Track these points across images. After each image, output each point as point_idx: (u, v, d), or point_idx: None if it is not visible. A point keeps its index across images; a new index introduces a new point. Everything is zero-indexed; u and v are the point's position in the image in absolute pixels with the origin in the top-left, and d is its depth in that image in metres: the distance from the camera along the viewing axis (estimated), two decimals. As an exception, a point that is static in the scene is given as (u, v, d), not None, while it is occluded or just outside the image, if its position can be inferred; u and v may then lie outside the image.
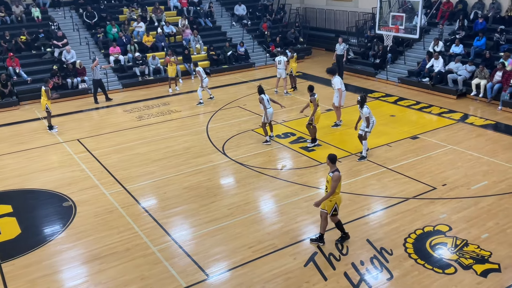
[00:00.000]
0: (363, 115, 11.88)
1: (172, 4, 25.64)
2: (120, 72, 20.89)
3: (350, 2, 27.07)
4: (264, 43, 24.95)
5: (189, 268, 8.18)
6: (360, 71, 21.41)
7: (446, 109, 16.14)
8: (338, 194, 8.33)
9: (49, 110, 15.17)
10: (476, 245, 8.53)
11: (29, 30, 21.30)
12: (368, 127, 11.98)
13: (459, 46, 18.80)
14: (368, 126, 11.95)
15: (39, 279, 8.06)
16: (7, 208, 10.52)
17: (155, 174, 11.92)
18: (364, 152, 12.25)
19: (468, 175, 11.26)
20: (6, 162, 13.06)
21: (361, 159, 12.21)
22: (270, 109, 13.41)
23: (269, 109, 13.33)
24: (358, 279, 7.73)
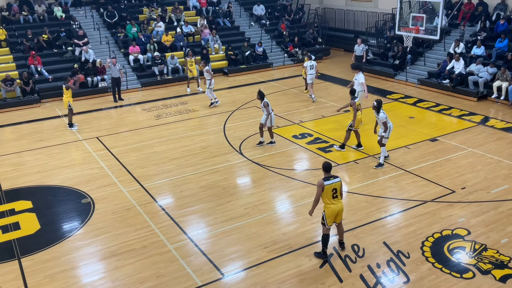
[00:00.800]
0: (380, 120, 11.59)
1: (191, 4, 25.79)
2: (139, 71, 21.08)
3: (369, 3, 26.88)
4: (282, 43, 24.93)
5: (204, 266, 8.22)
6: (379, 72, 21.24)
7: (466, 112, 15.91)
8: (327, 203, 7.95)
9: (71, 107, 15.40)
10: (495, 249, 8.39)
11: (51, 29, 21.64)
12: (386, 132, 11.60)
13: (481, 48, 18.52)
14: (386, 131, 11.59)
15: (57, 274, 8.18)
16: (27, 204, 10.71)
17: (172, 173, 12.00)
18: (382, 159, 11.92)
19: (488, 178, 11.08)
20: (26, 159, 13.29)
21: (378, 166, 11.88)
22: (273, 114, 13.30)
23: (272, 113, 13.21)
24: (374, 282, 7.67)
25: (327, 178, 7.91)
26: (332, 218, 8.02)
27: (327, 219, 8.01)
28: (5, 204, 10.76)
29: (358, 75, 14.72)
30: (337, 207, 7.99)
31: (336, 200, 7.97)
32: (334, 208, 7.96)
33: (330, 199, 7.93)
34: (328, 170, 8.03)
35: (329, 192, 7.89)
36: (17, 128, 16.19)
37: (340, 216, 8.13)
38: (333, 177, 7.98)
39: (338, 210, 8.01)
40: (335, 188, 7.92)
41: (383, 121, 11.49)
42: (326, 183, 7.85)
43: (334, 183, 7.91)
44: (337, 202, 7.99)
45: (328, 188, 7.87)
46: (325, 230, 8.12)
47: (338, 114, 16.01)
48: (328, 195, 7.91)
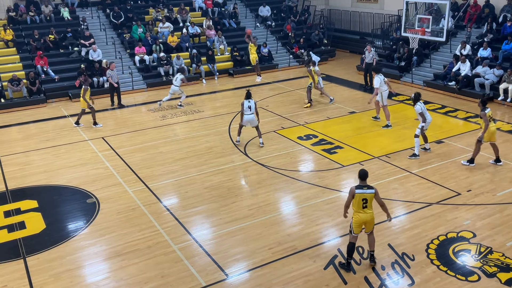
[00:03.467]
0: (416, 112, 12.30)
1: (197, 5, 25.84)
2: (144, 72, 21.14)
3: (375, 4, 26.84)
4: (288, 45, 24.93)
5: (209, 267, 8.23)
6: (384, 73, 21.08)
7: (472, 114, 15.85)
8: (356, 211, 7.84)
9: (91, 106, 15.60)
10: (501, 253, 8.35)
11: (58, 29, 21.74)
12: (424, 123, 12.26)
13: (487, 50, 18.44)
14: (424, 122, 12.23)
15: (62, 273, 8.21)
16: (33, 203, 10.76)
17: (177, 173, 12.02)
18: (417, 150, 12.39)
19: (494, 181, 11.03)
20: (32, 159, 13.36)
21: (412, 156, 12.37)
22: (249, 116, 13.23)
23: (248, 115, 13.20)
24: (378, 284, 7.65)
25: (360, 187, 7.79)
26: (359, 226, 7.89)
27: (354, 227, 7.90)
28: (11, 204, 10.82)
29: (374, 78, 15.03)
30: (366, 217, 7.81)
31: (366, 210, 7.80)
32: (362, 217, 7.81)
33: (359, 208, 7.79)
34: (363, 179, 7.88)
35: (359, 201, 7.75)
36: (23, 128, 16.28)
37: (369, 226, 7.94)
38: (366, 187, 7.82)
39: (367, 220, 7.82)
40: (366, 199, 7.75)
41: (419, 112, 12.19)
42: (357, 191, 7.74)
43: (365, 194, 7.75)
44: (367, 212, 7.82)
45: (359, 197, 7.74)
46: (351, 238, 8.00)
47: (345, 115, 16.00)
48: (358, 204, 7.77)
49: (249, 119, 13.28)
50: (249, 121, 13.33)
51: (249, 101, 13.23)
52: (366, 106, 16.65)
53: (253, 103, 13.24)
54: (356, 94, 18.92)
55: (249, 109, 13.19)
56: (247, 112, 13.20)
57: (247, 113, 13.21)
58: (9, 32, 20.77)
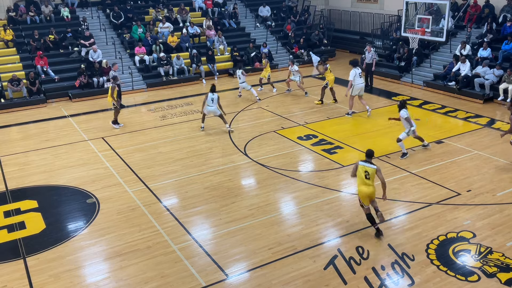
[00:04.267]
0: (401, 117, 12.45)
1: (197, 5, 25.85)
2: (144, 72, 21.14)
3: (375, 4, 26.84)
4: (288, 45, 24.93)
5: (209, 267, 8.23)
6: (384, 73, 21.19)
7: (472, 114, 15.85)
8: (359, 185, 8.85)
9: (115, 105, 15.34)
10: (501, 253, 8.35)
11: (58, 29, 21.73)
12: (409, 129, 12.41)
13: (487, 50, 18.44)
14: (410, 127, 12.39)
15: (62, 273, 8.21)
16: (32, 203, 10.76)
17: (177, 173, 12.02)
18: (404, 149, 12.56)
19: (494, 181, 11.03)
20: (32, 159, 13.36)
21: (402, 157, 12.47)
22: (211, 108, 14.47)
23: (210, 107, 14.44)
24: (378, 284, 7.65)
25: (364, 161, 8.83)
26: (367, 199, 8.79)
27: (362, 201, 8.83)
28: (11, 204, 10.81)
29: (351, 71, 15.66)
30: (368, 190, 8.72)
31: (368, 181, 8.72)
32: (365, 191, 8.72)
33: (362, 180, 8.74)
34: (369, 156, 8.93)
35: (361, 172, 8.77)
36: (23, 128, 16.28)
37: (370, 197, 8.81)
38: (370, 162, 8.80)
39: (369, 192, 8.72)
40: (367, 171, 8.68)
41: (404, 117, 12.35)
42: (360, 163, 8.80)
43: (367, 167, 8.71)
44: (369, 185, 8.73)
45: (361, 168, 8.75)
46: (365, 210, 8.93)
47: (345, 116, 16.01)
48: (360, 175, 8.78)
49: (210, 110, 14.54)
50: (211, 111, 14.59)
51: (213, 94, 14.42)
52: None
53: (216, 96, 14.40)
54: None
55: (211, 101, 14.40)
56: (209, 103, 14.43)
57: (209, 104, 14.44)
58: (9, 32, 20.77)
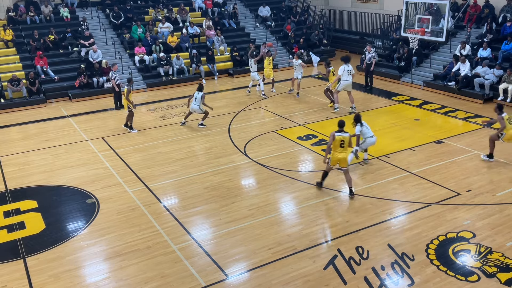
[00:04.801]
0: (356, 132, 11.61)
1: (197, 5, 25.85)
2: (144, 72, 21.14)
3: (375, 4, 26.85)
4: (287, 45, 24.93)
5: (208, 267, 8.23)
6: (384, 73, 21.19)
7: (472, 114, 15.85)
8: (334, 151, 10.10)
9: (130, 109, 14.99)
10: (501, 253, 8.35)
11: (57, 29, 21.74)
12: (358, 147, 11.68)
13: (487, 50, 18.44)
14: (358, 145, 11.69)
15: (62, 273, 8.21)
16: (32, 203, 10.76)
17: (177, 174, 12.02)
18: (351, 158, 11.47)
19: (494, 181, 11.03)
20: (32, 159, 13.35)
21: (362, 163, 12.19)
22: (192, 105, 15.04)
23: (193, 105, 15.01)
24: (378, 284, 7.65)
25: (339, 131, 10.03)
26: (335, 162, 10.19)
27: (330, 161, 10.22)
28: (11, 204, 10.81)
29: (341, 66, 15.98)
30: (341, 155, 10.09)
31: (342, 149, 10.03)
32: (339, 156, 10.10)
33: (337, 148, 10.01)
34: (341, 126, 10.11)
35: (337, 142, 9.98)
36: (23, 128, 16.28)
37: (342, 163, 10.13)
38: (344, 131, 10.02)
39: (341, 157, 10.07)
40: (343, 140, 10.00)
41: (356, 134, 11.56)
42: (336, 134, 9.99)
43: (343, 136, 10.02)
44: (343, 152, 10.06)
45: (338, 138, 9.97)
46: (327, 168, 10.43)
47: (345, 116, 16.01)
48: (336, 144, 9.98)
49: (192, 107, 15.08)
50: (192, 109, 15.13)
51: (198, 92, 14.94)
52: (366, 106, 16.71)
53: (200, 95, 14.89)
54: (356, 94, 18.89)
55: (195, 99, 14.95)
56: (193, 101, 15.00)
57: (193, 102, 15.01)
58: (9, 32, 20.77)
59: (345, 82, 15.97)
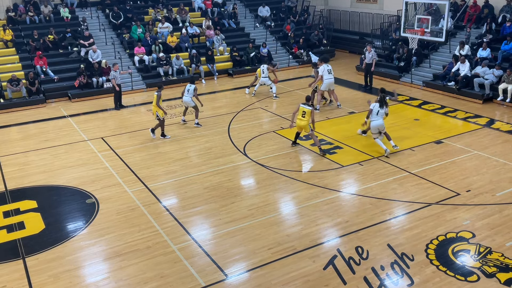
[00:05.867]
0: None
1: (197, 5, 25.84)
2: (144, 72, 21.14)
3: (375, 4, 26.85)
4: (287, 45, 24.93)
5: (208, 267, 8.23)
6: (384, 74, 21.20)
7: (471, 114, 15.86)
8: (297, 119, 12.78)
9: (159, 117, 14.15)
10: (500, 253, 8.36)
11: (57, 29, 21.72)
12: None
13: (486, 50, 18.45)
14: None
15: (61, 274, 8.21)
16: (32, 203, 10.75)
17: (177, 174, 12.02)
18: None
19: (493, 181, 11.04)
20: (32, 159, 13.35)
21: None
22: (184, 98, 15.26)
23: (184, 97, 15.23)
24: (378, 284, 7.65)
25: (304, 104, 12.74)
26: (298, 128, 12.98)
27: (297, 128, 13.04)
28: (10, 204, 10.81)
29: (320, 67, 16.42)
30: (301, 122, 12.75)
31: (303, 118, 12.65)
32: (300, 123, 12.78)
33: (299, 117, 12.74)
34: (307, 100, 12.97)
35: (300, 112, 12.72)
36: (22, 128, 16.28)
37: (304, 129, 12.87)
38: (307, 105, 12.72)
39: (301, 125, 12.78)
40: (305, 111, 12.61)
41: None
42: (301, 105, 12.73)
43: (305, 108, 12.64)
44: (303, 120, 12.66)
45: (301, 109, 12.69)
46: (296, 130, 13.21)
47: (345, 116, 16.02)
48: (299, 114, 12.74)
49: (184, 100, 15.29)
50: (184, 101, 15.36)
51: (190, 85, 15.16)
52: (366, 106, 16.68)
53: (192, 88, 15.09)
54: (356, 94, 18.94)
55: (187, 92, 15.13)
56: (185, 94, 15.21)
57: (184, 94, 15.22)
58: (8, 32, 20.75)
59: (327, 81, 16.26)
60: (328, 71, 16.23)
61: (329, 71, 16.25)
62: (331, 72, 16.34)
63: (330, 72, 16.28)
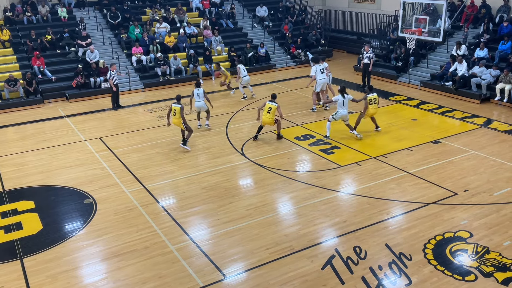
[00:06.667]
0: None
1: (194, 5, 25.83)
2: (142, 72, 21.11)
3: (372, 4, 26.87)
4: (285, 45, 24.94)
5: (206, 267, 8.22)
6: (381, 74, 21.22)
7: (469, 114, 15.89)
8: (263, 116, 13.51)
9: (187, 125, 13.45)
10: (498, 252, 8.37)
11: (54, 29, 21.69)
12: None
13: (484, 50, 18.49)
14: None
15: (59, 274, 8.19)
16: (29, 204, 10.73)
17: (174, 174, 12.02)
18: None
19: (491, 181, 11.06)
20: (29, 159, 13.32)
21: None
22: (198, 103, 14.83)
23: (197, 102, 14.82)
24: (376, 284, 7.66)
25: (270, 101, 13.49)
26: (264, 122, 13.62)
27: (262, 122, 13.67)
28: (8, 204, 10.79)
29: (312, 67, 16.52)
30: (266, 119, 13.49)
31: (268, 114, 13.39)
32: (265, 120, 13.51)
33: (265, 113, 13.45)
34: (273, 98, 13.66)
35: (266, 108, 13.44)
36: (20, 128, 16.24)
37: (269, 123, 13.61)
38: (274, 102, 13.45)
39: (268, 121, 13.51)
40: (270, 107, 13.33)
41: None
42: (267, 102, 13.45)
43: (271, 104, 13.38)
44: (268, 117, 13.42)
45: (267, 105, 13.40)
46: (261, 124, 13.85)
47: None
48: (265, 110, 13.45)
49: (198, 105, 14.84)
50: (199, 106, 14.89)
51: (198, 89, 14.78)
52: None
53: (201, 91, 14.77)
54: (354, 94, 18.83)
55: (198, 96, 14.73)
56: (196, 99, 14.76)
57: (197, 100, 14.77)
58: (5, 33, 20.70)
59: (321, 81, 16.27)
60: (320, 70, 16.22)
61: (321, 70, 16.24)
62: (324, 71, 16.31)
63: (322, 71, 16.27)
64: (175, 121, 13.37)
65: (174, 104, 13.33)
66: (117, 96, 18.05)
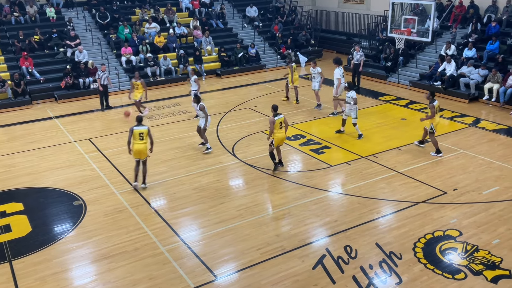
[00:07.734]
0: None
1: (184, 5, 25.76)
2: (131, 73, 20.90)
3: (362, 5, 27.00)
4: (275, 45, 24.96)
5: (197, 268, 8.20)
6: (371, 74, 21.32)
7: (458, 113, 16.01)
8: (276, 133, 11.36)
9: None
10: (487, 250, 8.45)
11: (43, 30, 21.51)
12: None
13: (472, 50, 18.65)
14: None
15: (48, 277, 8.12)
16: (18, 206, 10.63)
17: (165, 175, 11.97)
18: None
19: (480, 180, 11.15)
20: (18, 161, 13.19)
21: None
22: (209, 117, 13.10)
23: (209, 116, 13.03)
24: (366, 283, 7.69)
25: (276, 115, 11.37)
26: (279, 142, 11.59)
27: (275, 144, 11.53)
28: (-4, 206, 10.67)
29: (335, 70, 15.97)
30: (282, 135, 11.54)
31: (281, 130, 11.48)
32: (280, 136, 11.50)
33: (277, 130, 11.41)
34: (276, 110, 11.52)
35: (277, 124, 11.37)
36: (8, 129, 16.08)
37: (282, 142, 11.69)
38: (279, 114, 11.43)
39: (282, 137, 11.57)
40: (281, 122, 11.44)
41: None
42: (276, 119, 11.31)
43: (280, 118, 11.41)
44: (282, 132, 11.51)
45: (277, 121, 11.33)
46: (270, 149, 11.72)
47: (330, 116, 16.08)
48: (277, 126, 11.36)
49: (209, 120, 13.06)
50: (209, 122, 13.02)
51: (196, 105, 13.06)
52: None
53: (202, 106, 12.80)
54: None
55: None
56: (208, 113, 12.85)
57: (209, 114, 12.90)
58: (-7, 33, 20.50)
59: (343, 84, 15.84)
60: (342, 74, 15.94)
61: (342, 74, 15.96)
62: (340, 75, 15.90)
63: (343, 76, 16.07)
64: (141, 146, 10.84)
65: (138, 127, 10.86)
66: (107, 97, 17.94)
